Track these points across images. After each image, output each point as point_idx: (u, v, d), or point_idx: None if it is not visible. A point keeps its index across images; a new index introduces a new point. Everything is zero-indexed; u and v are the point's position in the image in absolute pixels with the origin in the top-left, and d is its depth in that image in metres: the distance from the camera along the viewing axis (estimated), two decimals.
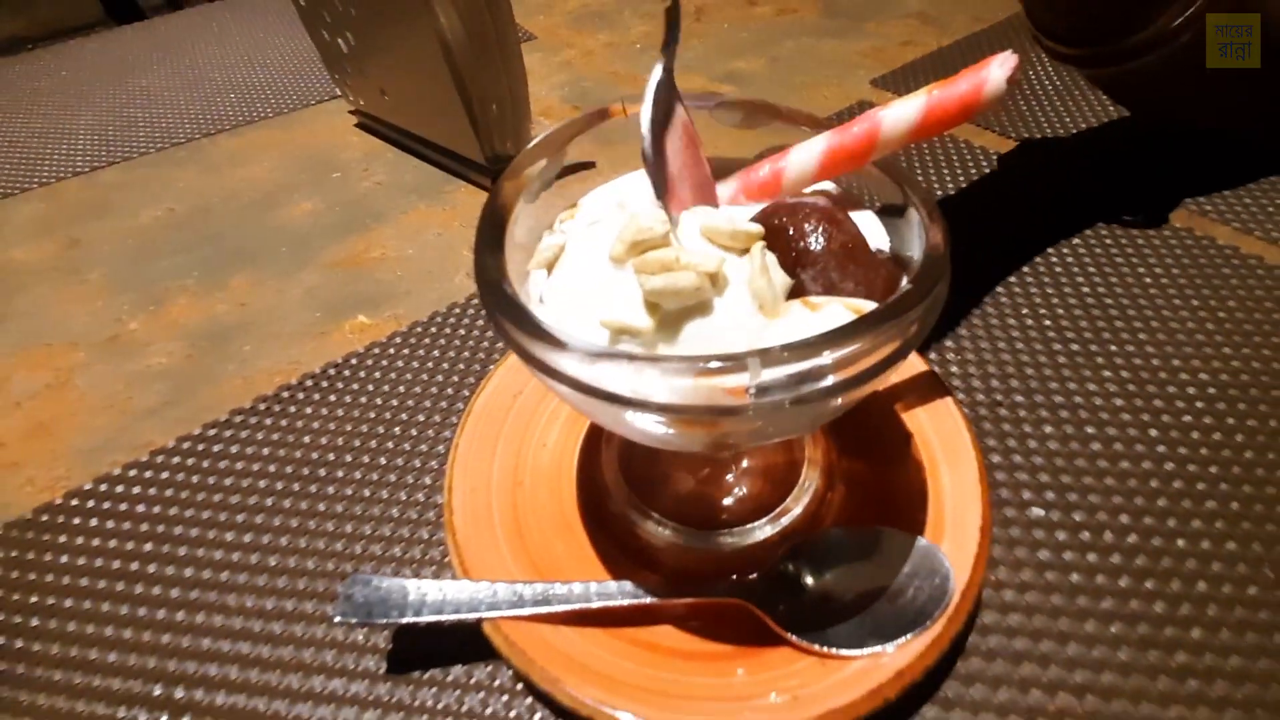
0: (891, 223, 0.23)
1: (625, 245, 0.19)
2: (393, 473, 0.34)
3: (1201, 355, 0.36)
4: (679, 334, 0.19)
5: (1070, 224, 0.45)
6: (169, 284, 0.47)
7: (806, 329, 0.18)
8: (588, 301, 0.20)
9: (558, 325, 0.18)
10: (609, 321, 0.18)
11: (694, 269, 0.18)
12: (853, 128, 0.22)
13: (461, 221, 0.51)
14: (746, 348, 0.18)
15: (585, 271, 0.20)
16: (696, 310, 0.19)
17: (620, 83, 0.66)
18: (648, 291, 0.18)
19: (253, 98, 0.70)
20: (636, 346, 0.19)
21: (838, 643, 0.24)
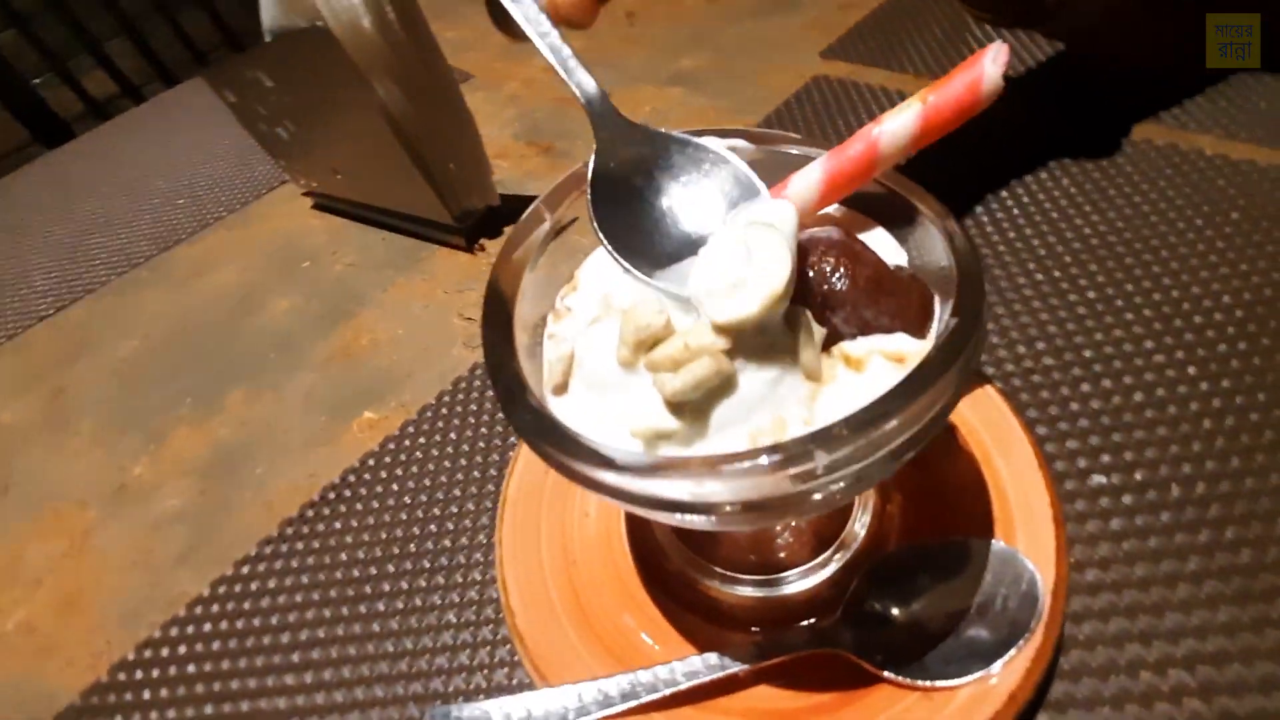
0: (902, 231, 0.22)
1: (630, 347, 0.18)
2: (440, 574, 0.33)
3: (1218, 275, 0.35)
4: (711, 418, 0.18)
5: (1049, 166, 0.44)
6: (164, 417, 0.46)
7: (855, 392, 0.17)
8: (611, 409, 0.19)
9: (596, 438, 0.17)
10: (639, 431, 0.17)
11: (706, 352, 0.17)
12: (849, 148, 0.21)
13: (444, 288, 0.49)
14: (792, 418, 0.17)
15: (600, 380, 0.19)
16: (722, 390, 0.18)
17: (571, 107, 0.65)
18: (668, 396, 0.17)
19: (203, 199, 0.68)
20: (676, 446, 0.18)
21: (938, 673, 0.23)
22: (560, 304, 0.24)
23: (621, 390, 0.18)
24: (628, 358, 0.18)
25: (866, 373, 0.18)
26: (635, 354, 0.18)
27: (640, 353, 0.18)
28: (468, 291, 0.48)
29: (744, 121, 0.56)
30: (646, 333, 0.17)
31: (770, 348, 0.17)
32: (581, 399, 0.20)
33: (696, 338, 0.17)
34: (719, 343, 0.17)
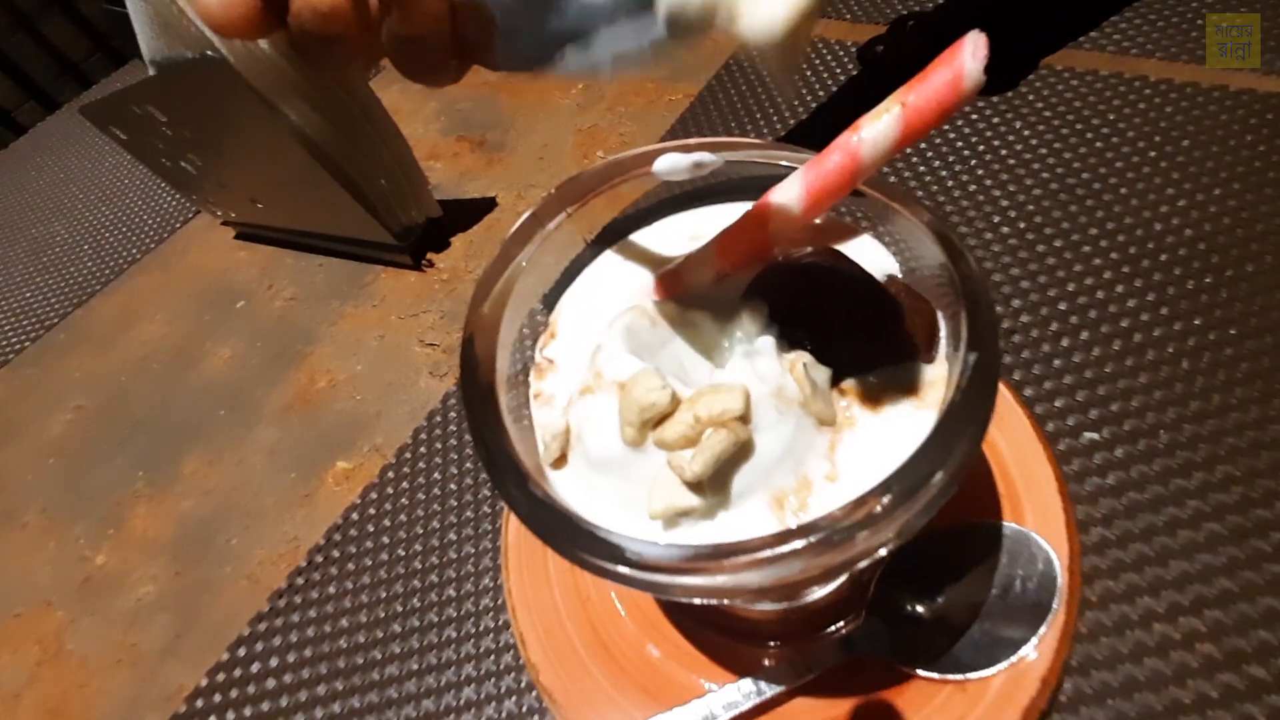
0: (891, 239, 0.21)
1: (635, 428, 0.16)
2: (450, 626, 0.32)
3: (1176, 208, 0.36)
4: (732, 487, 0.17)
5: (998, 112, 0.43)
6: (118, 496, 0.43)
7: (876, 437, 0.16)
8: (620, 487, 0.17)
9: (607, 519, 0.16)
10: (658, 513, 0.16)
11: (720, 423, 0.16)
12: (828, 160, 0.19)
13: (397, 313, 0.47)
14: (815, 475, 0.16)
15: (604, 460, 0.18)
16: (740, 456, 0.17)
17: (498, 94, 0.61)
18: (690, 478, 0.16)
19: (111, 242, 0.62)
20: (698, 520, 0.16)
21: (970, 664, 0.23)
22: (540, 356, 0.22)
23: (631, 468, 0.17)
24: (634, 437, 0.16)
25: (884, 412, 0.17)
26: (641, 433, 0.16)
27: (647, 431, 0.16)
28: (424, 314, 0.46)
29: (684, 90, 0.53)
30: (651, 412, 0.16)
31: (782, 401, 0.16)
32: (585, 477, 0.18)
33: (707, 408, 0.16)
34: (730, 410, 0.16)
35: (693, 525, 0.17)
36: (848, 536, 0.14)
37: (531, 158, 0.54)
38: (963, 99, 0.18)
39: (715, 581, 0.15)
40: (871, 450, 0.17)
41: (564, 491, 0.19)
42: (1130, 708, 0.24)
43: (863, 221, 0.21)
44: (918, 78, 0.18)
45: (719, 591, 0.15)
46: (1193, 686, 0.24)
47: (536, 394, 0.21)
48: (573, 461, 0.19)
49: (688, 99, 0.52)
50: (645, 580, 0.15)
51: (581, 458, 0.18)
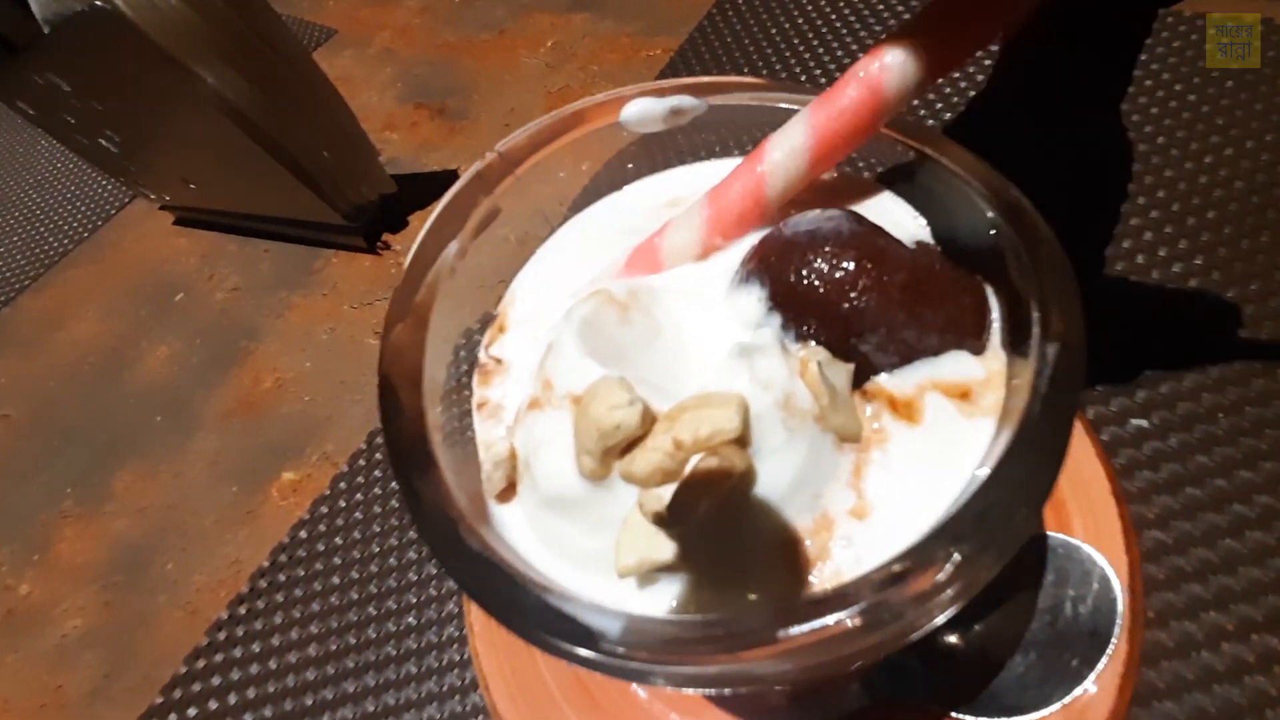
0: (920, 195, 0.17)
1: (595, 458, 0.12)
2: (409, 660, 0.28)
3: (1223, 157, 0.32)
4: (729, 531, 0.13)
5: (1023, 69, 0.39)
6: (44, 517, 0.38)
7: (916, 455, 0.12)
8: (578, 532, 0.13)
9: (565, 578, 0.12)
10: (629, 568, 0.12)
11: (710, 448, 0.12)
12: (841, 96, 0.15)
13: (349, 302, 0.42)
14: (838, 512, 0.12)
15: (557, 498, 0.14)
16: (740, 489, 0.12)
17: (458, 56, 0.55)
18: (662, 521, 0.11)
19: (40, 233, 0.57)
20: (679, 576, 0.12)
21: (1014, 706, 0.19)
22: (486, 356, 0.18)
23: (592, 509, 0.13)
24: (594, 470, 0.12)
25: (925, 422, 0.13)
26: (604, 464, 0.12)
27: (611, 460, 0.12)
28: (379, 303, 0.41)
29: (663, 45, 0.48)
30: (616, 436, 0.12)
31: (791, 414, 0.12)
32: (536, 515, 0.14)
33: (691, 429, 0.11)
34: (723, 431, 0.11)
35: (673, 579, 0.12)
36: (896, 616, 0.09)
37: (497, 125, 0.49)
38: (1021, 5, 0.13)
39: (710, 671, 0.11)
40: (910, 473, 0.12)
41: (513, 533, 0.15)
42: None
43: (885, 175, 0.17)
44: None
45: (716, 681, 0.11)
46: (1272, 717, 0.20)
47: (481, 403, 0.17)
48: (522, 494, 0.15)
49: (667, 54, 0.47)
50: (615, 667, 0.11)
51: (531, 490, 0.14)
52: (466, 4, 0.60)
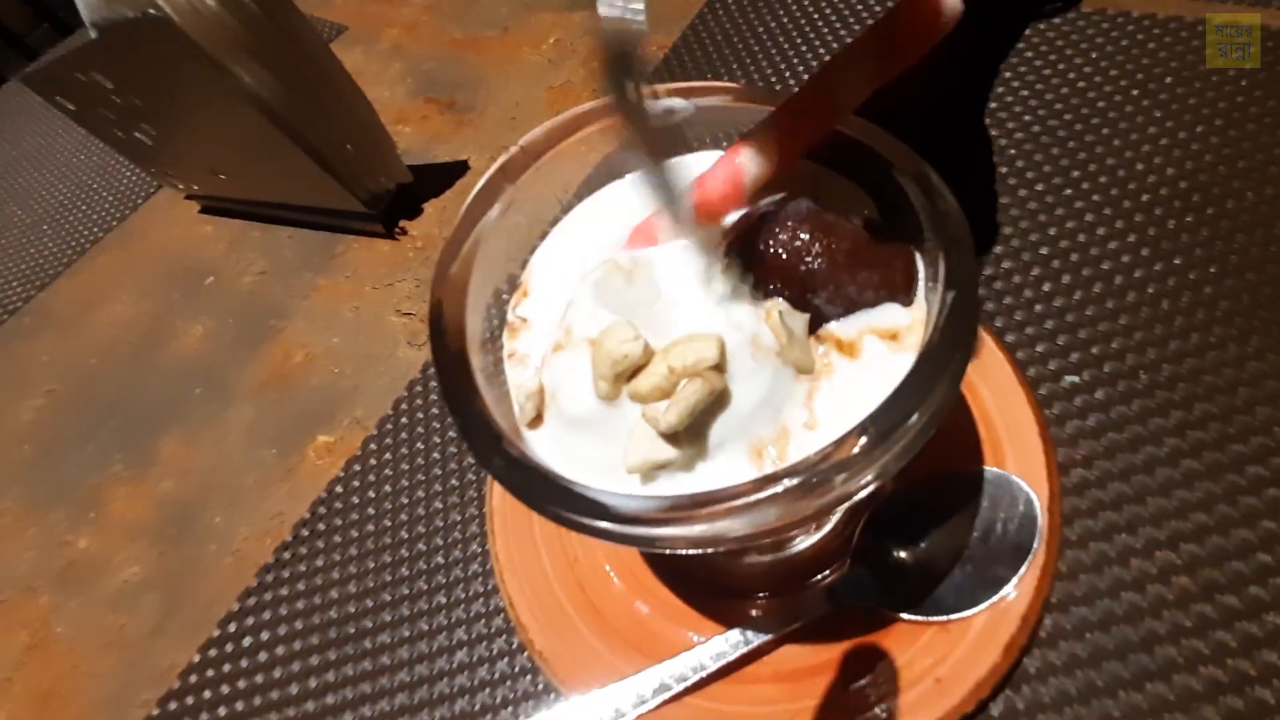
0: (869, 181, 0.20)
1: (608, 381, 0.16)
2: (439, 593, 0.32)
3: (1159, 147, 0.35)
4: (709, 438, 0.16)
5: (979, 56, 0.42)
6: (96, 480, 0.42)
7: (855, 382, 0.16)
8: (596, 443, 0.17)
9: (585, 476, 0.16)
10: (635, 466, 0.16)
11: (695, 373, 0.15)
12: (802, 101, 0.19)
13: (371, 283, 0.46)
14: (794, 423, 0.16)
15: (579, 417, 0.17)
16: (717, 406, 0.16)
17: (465, 52, 0.58)
18: (663, 430, 0.15)
19: (71, 221, 0.60)
20: (676, 473, 0.16)
21: (952, 606, 0.23)
22: (513, 315, 0.22)
23: (606, 424, 0.17)
24: (608, 391, 0.16)
25: (862, 357, 0.16)
26: (615, 386, 0.16)
27: (620, 384, 0.16)
28: (398, 284, 0.45)
29: (657, 42, 0.51)
30: (625, 364, 0.16)
31: (758, 350, 0.16)
32: (561, 434, 0.18)
33: (681, 358, 0.15)
34: (705, 359, 0.15)
35: (671, 478, 0.16)
36: (825, 480, 0.13)
37: (503, 118, 0.53)
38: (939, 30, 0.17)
39: (695, 531, 0.14)
40: (850, 396, 0.16)
41: (541, 451, 0.18)
42: (1108, 640, 0.24)
43: (839, 164, 0.21)
44: (892, 10, 0.18)
45: (700, 541, 0.15)
46: (1168, 618, 0.24)
47: (510, 354, 0.21)
48: (548, 420, 0.18)
49: (662, 50, 0.50)
50: (626, 534, 0.15)
51: (557, 416, 0.18)
52: (471, 2, 0.63)
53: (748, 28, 0.49)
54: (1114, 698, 0.23)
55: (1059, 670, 0.24)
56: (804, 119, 0.19)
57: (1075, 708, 0.23)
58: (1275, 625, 0.23)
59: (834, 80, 0.18)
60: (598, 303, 0.17)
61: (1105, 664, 0.24)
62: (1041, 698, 0.24)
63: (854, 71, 0.18)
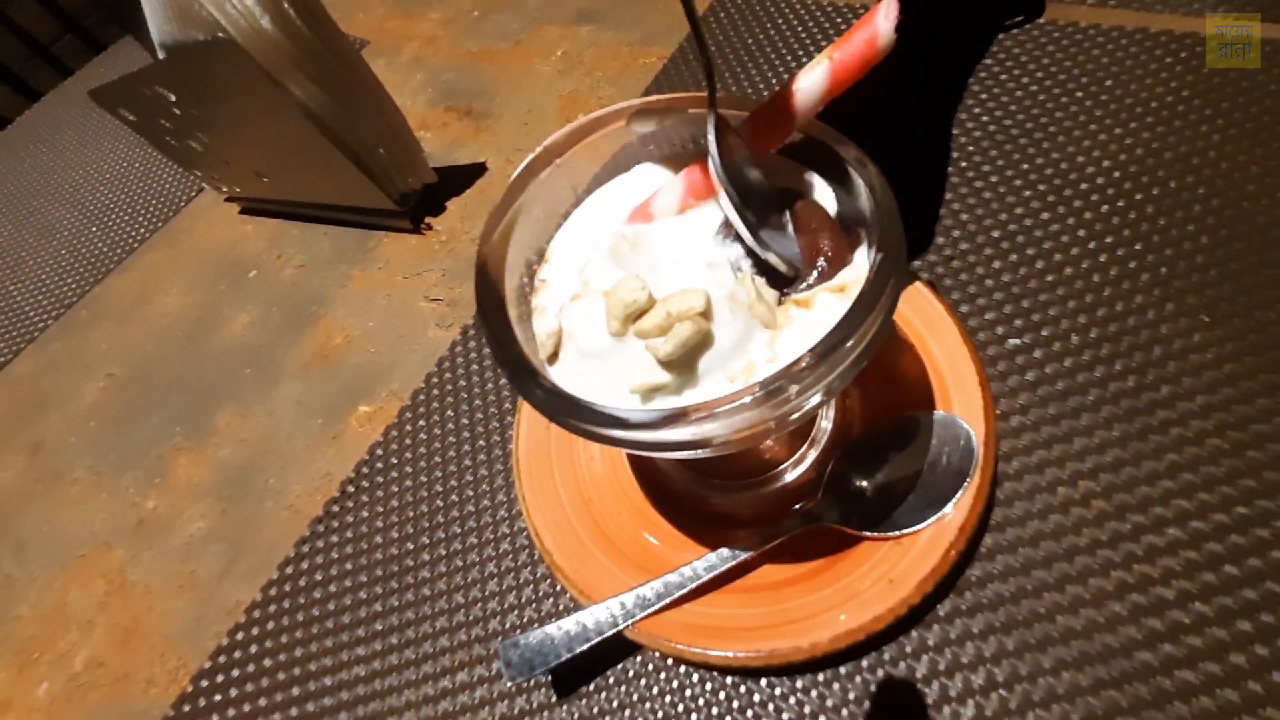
0: (829, 173, 0.25)
1: (620, 320, 0.21)
2: (472, 534, 0.37)
3: (1098, 142, 0.40)
4: (696, 369, 0.21)
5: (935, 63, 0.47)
6: (160, 450, 0.47)
7: (808, 328, 0.21)
8: (606, 372, 0.22)
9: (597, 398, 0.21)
10: (638, 387, 0.21)
11: (687, 318, 0.20)
12: (769, 109, 0.24)
13: (401, 274, 0.51)
14: (759, 360, 0.21)
15: (593, 349, 0.23)
16: (703, 345, 0.21)
17: (481, 63, 0.64)
18: (661, 358, 0.20)
19: (118, 223, 0.65)
20: (669, 395, 0.21)
21: (905, 524, 0.28)
22: (537, 280, 0.27)
23: (615, 356, 0.22)
24: (618, 329, 0.21)
25: (815, 308, 0.21)
26: (624, 325, 0.21)
27: (628, 324, 0.21)
28: (426, 274, 0.50)
29: (657, 53, 0.57)
30: (633, 307, 0.21)
31: (734, 304, 0.21)
32: (576, 366, 0.23)
33: (676, 305, 0.20)
34: (695, 306, 0.20)
35: (665, 399, 0.21)
36: (781, 391, 0.18)
37: (517, 123, 0.58)
38: (879, 55, 0.22)
39: (687, 433, 0.19)
40: (804, 337, 0.21)
41: (560, 381, 0.23)
42: (1037, 553, 0.29)
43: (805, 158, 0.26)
44: (843, 37, 0.23)
45: (692, 443, 0.20)
46: (1087, 534, 0.29)
47: (535, 308, 0.26)
48: (564, 356, 0.24)
49: (661, 60, 0.55)
50: (635, 439, 0.20)
51: (572, 351, 0.23)
52: (484, 17, 0.68)
53: (739, 40, 0.54)
54: (1039, 598, 0.28)
55: (996, 578, 0.29)
56: (771, 123, 0.24)
57: (1008, 607, 0.28)
58: (1174, 537, 0.28)
59: (794, 93, 0.23)
60: (611, 262, 0.22)
61: (1034, 571, 0.29)
62: (981, 600, 0.28)
63: (812, 85, 0.23)
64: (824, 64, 0.23)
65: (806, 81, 0.23)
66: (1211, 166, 0.37)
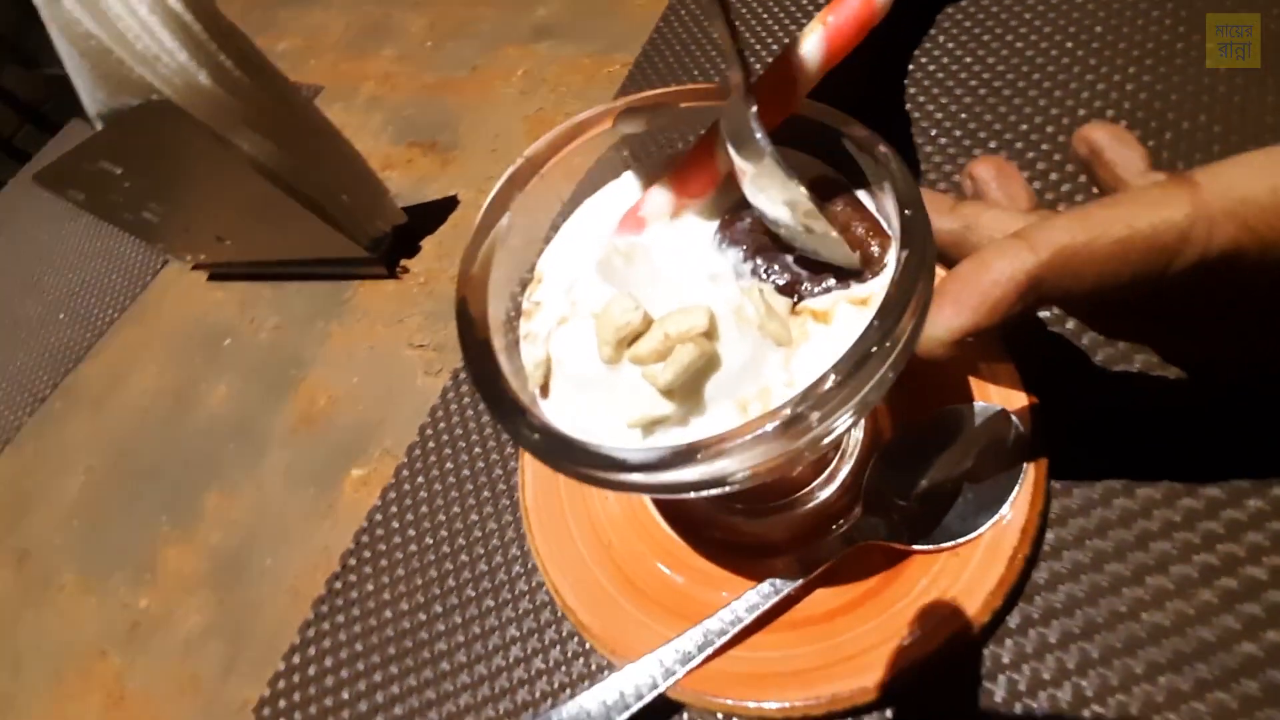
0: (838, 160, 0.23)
1: (612, 346, 0.19)
2: (488, 596, 0.34)
3: (1096, 92, 0.38)
4: (703, 396, 0.19)
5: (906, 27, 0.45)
6: (147, 543, 0.44)
7: (827, 345, 0.18)
8: (601, 403, 0.19)
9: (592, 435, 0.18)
10: (636, 421, 0.18)
11: (688, 339, 0.18)
12: (769, 79, 0.21)
13: (383, 322, 0.48)
14: (775, 383, 0.18)
15: (585, 379, 0.20)
16: (708, 368, 0.19)
17: (440, 95, 0.61)
18: (661, 387, 0.18)
19: (86, 307, 0.63)
20: (673, 427, 0.19)
21: (958, 532, 0.25)
22: (528, 302, 0.24)
23: (609, 385, 0.19)
24: (611, 355, 0.19)
25: (835, 323, 0.19)
26: (618, 351, 0.19)
27: (622, 349, 0.19)
28: (408, 320, 0.47)
29: (620, 61, 0.54)
30: (626, 330, 0.18)
31: (742, 321, 0.18)
32: (569, 397, 0.21)
33: (675, 325, 0.18)
34: (697, 326, 0.18)
35: (668, 431, 0.19)
36: (802, 419, 0.16)
37: (484, 151, 0.55)
38: (876, 15, 0.20)
39: (697, 473, 0.17)
40: (825, 356, 0.19)
41: (552, 416, 0.21)
42: (1106, 544, 0.26)
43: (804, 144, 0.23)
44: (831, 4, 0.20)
45: (704, 483, 0.17)
46: (1159, 515, 0.26)
47: (525, 335, 0.23)
48: (555, 387, 0.21)
49: (625, 68, 0.53)
50: (637, 482, 0.17)
51: (564, 381, 0.21)
52: (438, 47, 0.66)
53: (704, 35, 0.52)
54: (1117, 595, 0.25)
55: (1065, 578, 0.26)
56: (768, 103, 0.21)
57: (1085, 609, 0.25)
58: (1256, 508, 0.26)
59: (789, 67, 0.21)
60: (600, 279, 0.20)
61: (1107, 566, 0.26)
62: (1053, 605, 0.26)
63: (806, 57, 0.21)
64: (818, 30, 0.20)
65: (800, 52, 0.21)
66: (1224, 102, 0.35)
